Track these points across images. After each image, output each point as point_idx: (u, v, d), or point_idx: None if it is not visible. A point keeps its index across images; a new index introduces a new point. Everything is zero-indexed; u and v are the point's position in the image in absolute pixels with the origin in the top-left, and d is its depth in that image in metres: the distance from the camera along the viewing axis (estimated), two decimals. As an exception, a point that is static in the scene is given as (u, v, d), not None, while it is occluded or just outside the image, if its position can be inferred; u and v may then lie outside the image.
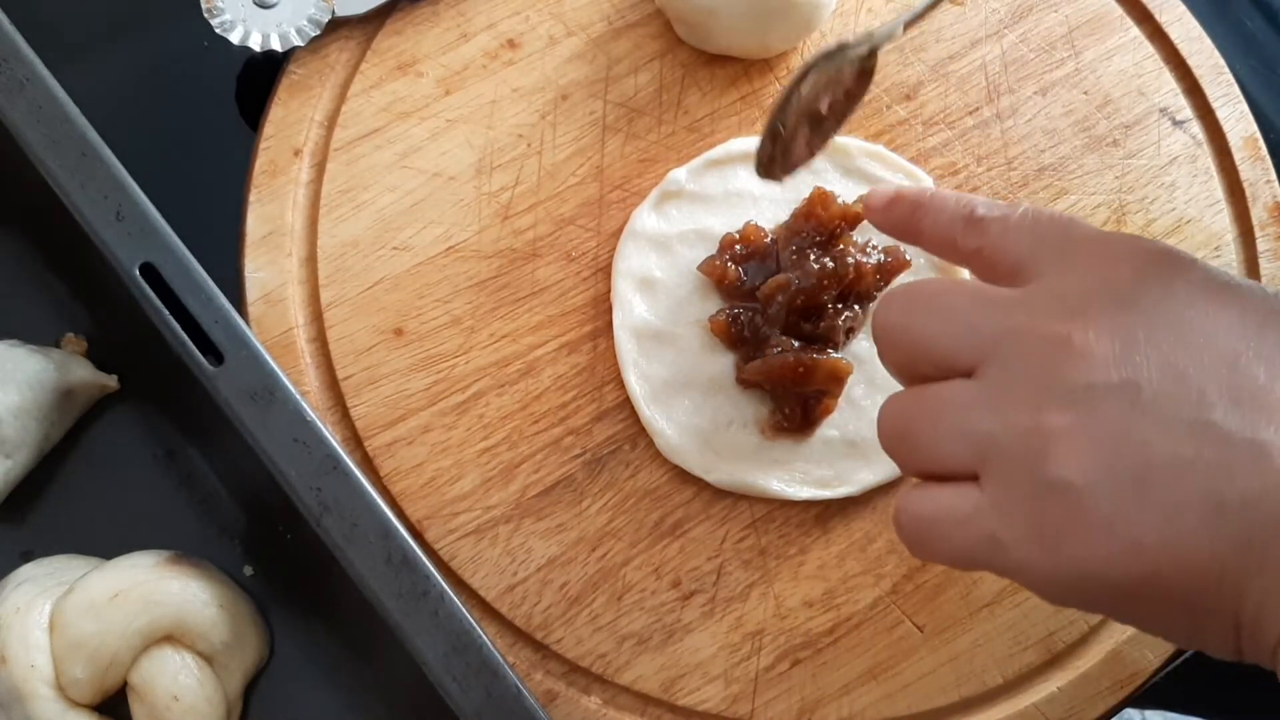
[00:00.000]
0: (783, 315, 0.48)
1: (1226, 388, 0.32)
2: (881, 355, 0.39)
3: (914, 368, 0.37)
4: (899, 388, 0.48)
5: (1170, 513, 0.31)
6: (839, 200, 0.50)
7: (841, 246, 0.49)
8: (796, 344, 0.48)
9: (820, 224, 0.49)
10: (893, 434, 0.37)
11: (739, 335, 0.50)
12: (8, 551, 0.46)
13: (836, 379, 0.48)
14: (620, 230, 0.52)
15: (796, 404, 0.49)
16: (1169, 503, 0.31)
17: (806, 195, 0.51)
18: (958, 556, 0.35)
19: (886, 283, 0.51)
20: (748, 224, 0.51)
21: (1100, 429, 0.32)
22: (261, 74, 0.54)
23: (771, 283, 0.48)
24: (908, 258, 0.51)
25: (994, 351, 0.34)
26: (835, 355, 0.49)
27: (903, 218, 0.42)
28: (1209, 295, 0.34)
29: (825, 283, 0.48)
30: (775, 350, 0.48)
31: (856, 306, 0.50)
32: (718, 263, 0.50)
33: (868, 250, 0.50)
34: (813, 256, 0.48)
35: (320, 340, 0.50)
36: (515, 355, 0.51)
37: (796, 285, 0.48)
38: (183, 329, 0.41)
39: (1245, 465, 0.31)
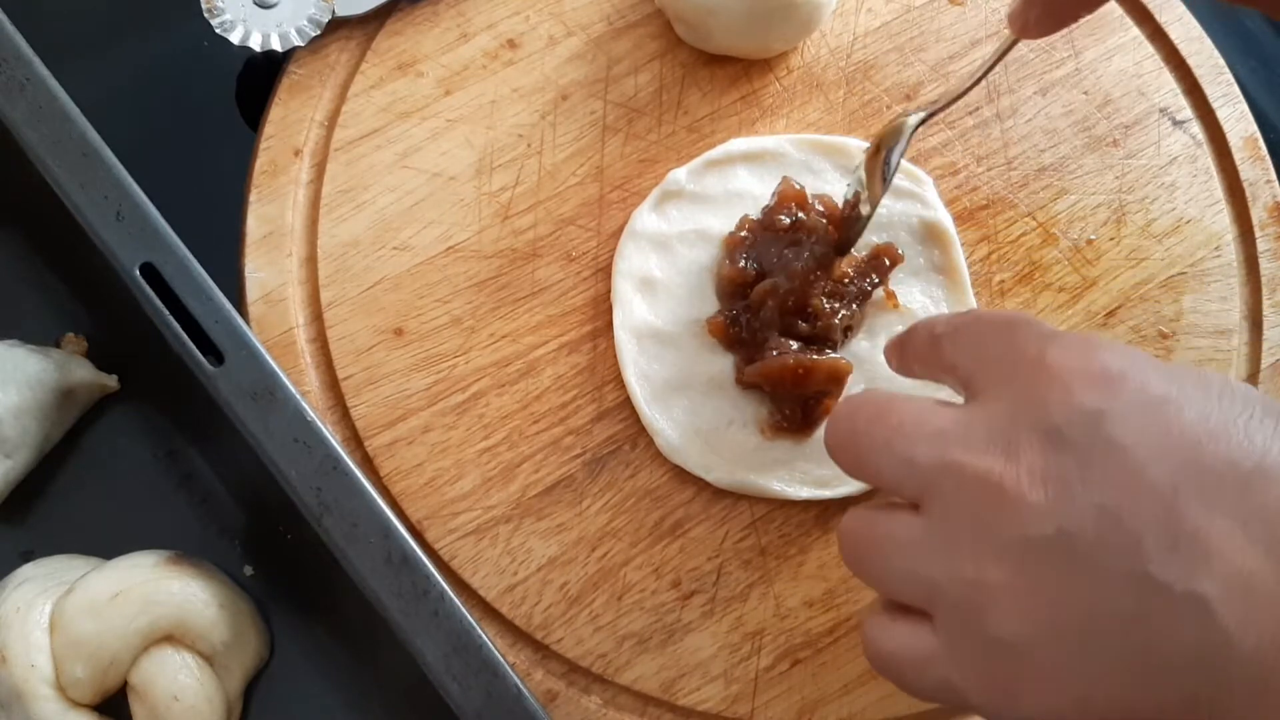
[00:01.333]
0: (776, 318, 0.48)
1: (1164, 531, 0.31)
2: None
3: (866, 482, 0.38)
4: (899, 388, 0.48)
5: (1115, 668, 0.31)
6: (797, 186, 0.50)
7: (815, 236, 0.49)
8: (795, 345, 0.48)
9: (786, 215, 0.50)
10: (850, 558, 0.38)
11: (737, 337, 0.50)
12: (8, 551, 0.46)
13: (837, 379, 0.48)
14: (620, 230, 0.52)
15: (796, 405, 0.49)
16: (1113, 659, 0.31)
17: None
18: (920, 694, 0.36)
19: (881, 277, 0.50)
20: (744, 218, 0.51)
21: (1038, 585, 0.32)
22: (261, 74, 0.54)
23: (759, 289, 0.49)
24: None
25: (934, 489, 0.34)
26: (834, 355, 0.49)
27: (900, 359, 0.42)
28: (1146, 415, 0.32)
29: (812, 277, 0.48)
30: (774, 353, 0.48)
31: (855, 305, 0.50)
32: (739, 266, 0.50)
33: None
34: (790, 255, 0.48)
35: (320, 340, 0.50)
36: (515, 355, 0.51)
37: (784, 288, 0.48)
38: (183, 329, 0.41)
39: (1187, 620, 0.30)
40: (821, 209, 0.50)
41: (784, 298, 0.48)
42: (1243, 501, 0.30)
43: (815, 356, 0.48)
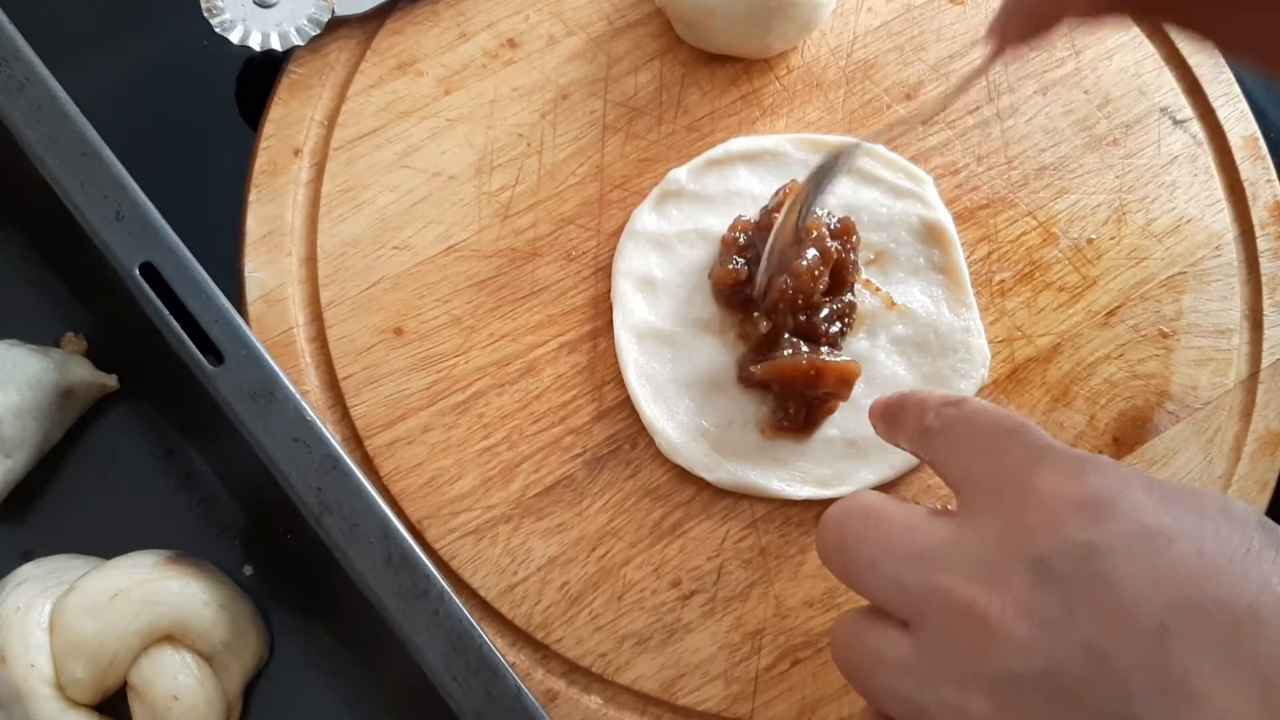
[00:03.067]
0: (788, 319, 0.48)
1: (1151, 672, 0.30)
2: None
3: (858, 594, 0.37)
4: (899, 387, 0.48)
5: None
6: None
7: (815, 233, 0.49)
8: (805, 347, 0.48)
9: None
10: (841, 667, 0.37)
11: (741, 294, 0.49)
12: (8, 551, 0.46)
13: (845, 382, 0.48)
14: (620, 230, 0.52)
15: (801, 405, 0.49)
16: None
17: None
18: None
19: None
20: (738, 219, 0.51)
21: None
22: (261, 74, 0.54)
23: (774, 286, 0.48)
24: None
25: (922, 611, 0.34)
26: (842, 357, 0.49)
27: (887, 431, 0.42)
28: (1136, 548, 0.31)
29: (817, 273, 0.48)
30: (786, 352, 0.48)
31: (848, 296, 0.50)
32: (729, 268, 0.50)
33: (830, 220, 0.50)
34: (792, 254, 0.48)
35: (320, 340, 0.50)
36: (515, 355, 0.51)
37: (790, 286, 0.48)
38: (183, 329, 0.41)
39: None
40: (827, 214, 0.50)
41: (794, 297, 0.48)
42: (1233, 643, 0.30)
43: (826, 358, 0.48)
